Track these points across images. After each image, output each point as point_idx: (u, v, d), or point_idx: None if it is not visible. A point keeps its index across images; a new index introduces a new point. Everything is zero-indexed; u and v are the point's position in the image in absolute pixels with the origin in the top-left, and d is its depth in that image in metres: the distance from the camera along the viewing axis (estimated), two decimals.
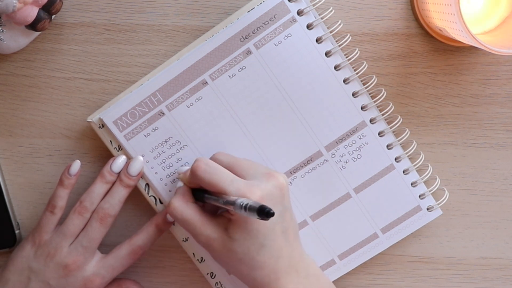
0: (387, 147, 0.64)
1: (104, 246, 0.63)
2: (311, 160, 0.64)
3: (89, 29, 0.64)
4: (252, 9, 0.60)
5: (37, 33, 0.62)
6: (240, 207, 0.51)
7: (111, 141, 0.63)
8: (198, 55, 0.61)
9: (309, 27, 0.61)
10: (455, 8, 0.54)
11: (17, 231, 0.65)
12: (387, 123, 0.64)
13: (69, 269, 0.60)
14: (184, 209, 0.57)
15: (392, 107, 0.64)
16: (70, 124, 0.65)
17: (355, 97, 0.63)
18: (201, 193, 0.59)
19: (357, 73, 0.62)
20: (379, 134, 0.64)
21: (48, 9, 0.60)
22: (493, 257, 0.68)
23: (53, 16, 0.61)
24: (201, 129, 0.62)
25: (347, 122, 0.63)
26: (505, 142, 0.66)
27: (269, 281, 0.56)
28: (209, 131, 0.63)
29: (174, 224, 0.64)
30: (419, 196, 0.65)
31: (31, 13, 0.59)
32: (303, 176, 0.64)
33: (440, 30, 0.61)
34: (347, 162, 0.64)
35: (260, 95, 0.62)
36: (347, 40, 0.62)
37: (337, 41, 0.63)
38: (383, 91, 0.63)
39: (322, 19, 0.61)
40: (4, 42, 0.60)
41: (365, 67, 0.62)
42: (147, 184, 0.64)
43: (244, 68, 0.61)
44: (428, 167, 0.65)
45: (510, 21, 0.62)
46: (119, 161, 0.62)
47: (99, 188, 0.61)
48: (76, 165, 0.61)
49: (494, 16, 0.62)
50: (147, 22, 0.64)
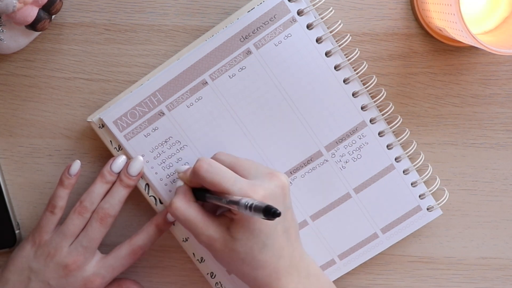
0: (387, 147, 0.64)
1: (104, 246, 0.63)
2: (311, 160, 0.64)
3: (89, 29, 0.64)
4: (252, 9, 0.60)
5: (37, 33, 0.62)
6: (244, 207, 0.51)
7: (111, 141, 0.63)
8: (198, 55, 0.61)
9: (309, 27, 0.61)
10: (455, 8, 0.54)
11: (17, 231, 0.65)
12: (387, 123, 0.64)
13: (69, 269, 0.60)
14: (186, 208, 0.57)
15: (392, 107, 0.64)
16: (70, 124, 0.65)
17: (355, 97, 0.63)
18: (202, 192, 0.59)
19: (357, 73, 0.62)
20: (379, 134, 0.64)
21: (48, 9, 0.60)
22: (493, 257, 0.68)
23: (53, 16, 0.61)
24: (201, 129, 0.62)
25: (347, 122, 0.63)
26: (505, 142, 0.66)
27: (270, 281, 0.56)
28: (209, 131, 0.63)
29: (174, 224, 0.64)
30: (419, 196, 0.65)
31: (31, 13, 0.59)
32: (303, 176, 0.64)
33: (440, 30, 0.61)
34: (347, 162, 0.64)
35: (260, 95, 0.62)
36: (347, 40, 0.62)
37: (337, 41, 0.63)
38: (383, 91, 0.63)
39: (322, 19, 0.61)
40: (4, 42, 0.60)
41: (365, 67, 0.62)
42: (147, 184, 0.64)
43: (244, 68, 0.61)
44: (428, 167, 0.65)
45: (510, 21, 0.62)
46: (119, 161, 0.62)
47: (99, 188, 0.61)
48: (76, 165, 0.61)
49: (494, 16, 0.62)
50: (147, 22, 0.64)
